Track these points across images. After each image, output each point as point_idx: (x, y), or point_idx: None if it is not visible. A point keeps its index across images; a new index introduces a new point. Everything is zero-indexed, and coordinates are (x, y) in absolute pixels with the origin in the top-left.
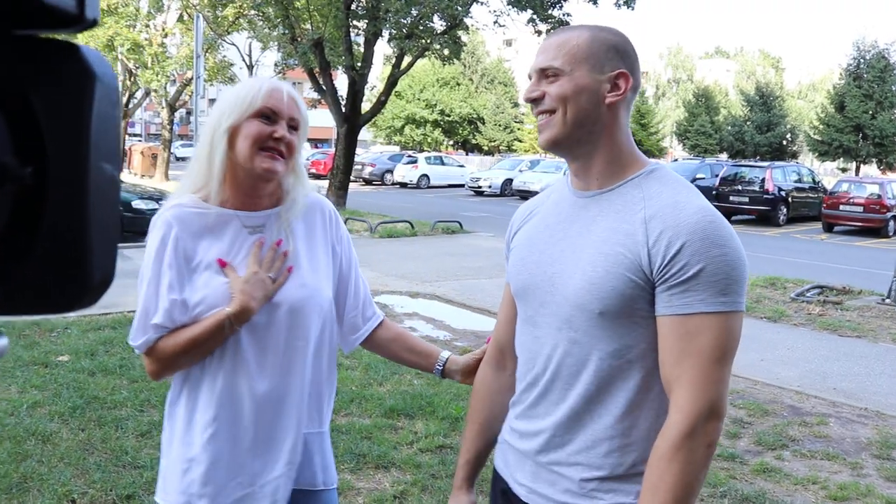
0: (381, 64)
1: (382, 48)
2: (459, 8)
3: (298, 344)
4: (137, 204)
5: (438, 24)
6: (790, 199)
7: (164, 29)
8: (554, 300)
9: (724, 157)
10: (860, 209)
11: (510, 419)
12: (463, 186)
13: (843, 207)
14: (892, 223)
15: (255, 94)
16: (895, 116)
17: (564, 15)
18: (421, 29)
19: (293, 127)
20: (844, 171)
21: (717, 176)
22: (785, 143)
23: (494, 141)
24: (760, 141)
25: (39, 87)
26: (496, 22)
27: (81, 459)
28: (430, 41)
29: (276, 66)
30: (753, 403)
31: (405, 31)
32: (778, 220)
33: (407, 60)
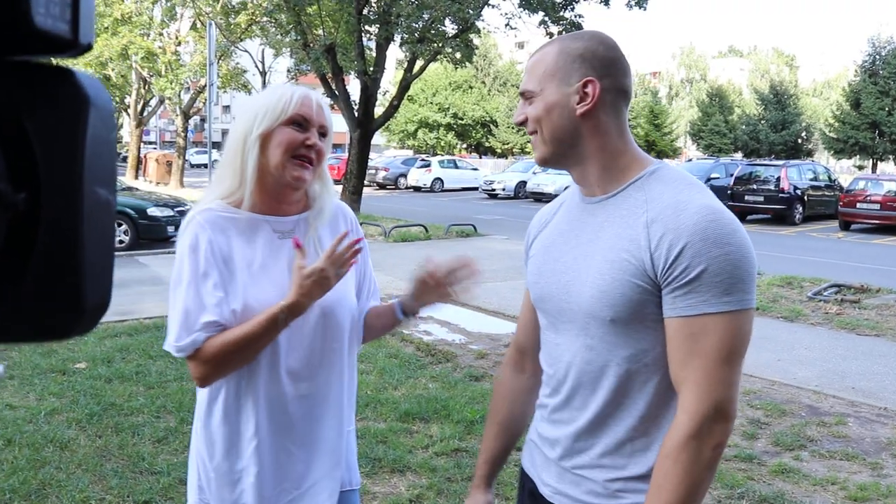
0: (393, 68)
1: (394, 53)
2: (471, 11)
3: (335, 346)
4: (153, 211)
5: (450, 27)
6: (806, 197)
7: (177, 37)
8: (570, 308)
9: (738, 156)
10: (877, 207)
11: (536, 421)
12: (477, 189)
13: (859, 205)
14: None
15: (286, 101)
16: None
17: (576, 16)
18: (433, 33)
19: (322, 134)
20: (861, 168)
21: (731, 175)
22: (800, 141)
23: (508, 143)
24: (775, 139)
25: (33, 112)
26: (508, 24)
27: (99, 466)
28: (441, 45)
29: (288, 72)
30: (771, 404)
31: (417, 35)
32: (794, 219)
33: (419, 64)
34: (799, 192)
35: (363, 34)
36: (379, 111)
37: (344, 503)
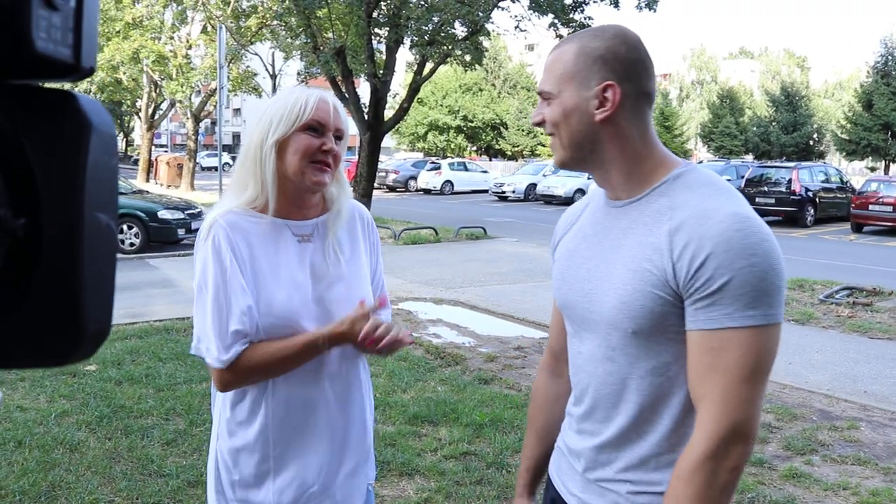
0: (403, 71)
1: (404, 55)
2: (480, 14)
3: (354, 350)
4: (163, 214)
5: (460, 30)
6: (818, 199)
7: (188, 41)
8: (592, 317)
9: (749, 158)
10: (890, 209)
11: (564, 428)
12: (487, 192)
13: (872, 207)
14: None
15: (301, 107)
16: None
17: (586, 18)
18: (442, 35)
19: (338, 137)
20: (873, 170)
21: (742, 177)
22: (812, 143)
23: (518, 146)
24: (786, 141)
25: (35, 136)
26: (517, 27)
27: (108, 468)
28: (451, 47)
29: (298, 74)
30: (782, 408)
31: (427, 37)
32: (805, 221)
33: (429, 67)
34: (810, 194)
35: (373, 37)
36: (389, 114)
37: (367, 498)
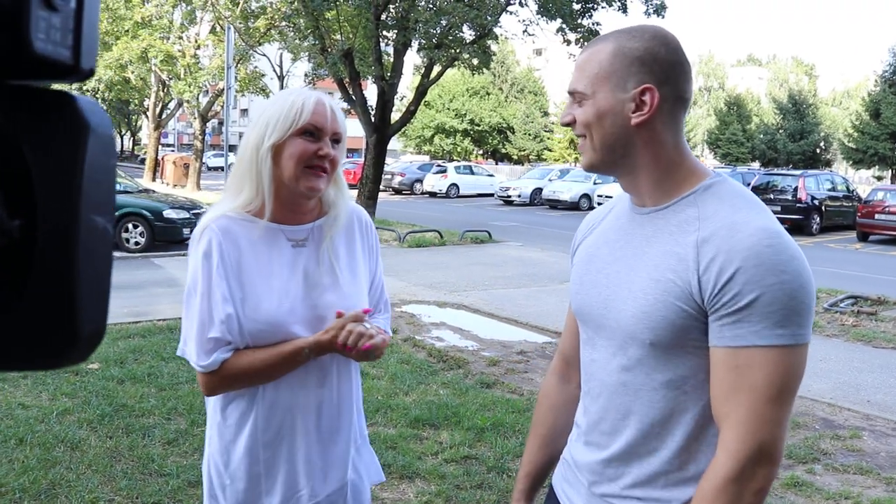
0: (410, 74)
1: (412, 58)
2: (489, 17)
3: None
4: (168, 213)
5: (468, 33)
6: (824, 207)
7: (196, 41)
8: (608, 325)
9: (756, 165)
10: None
11: (571, 439)
12: (492, 196)
13: (878, 216)
14: None
15: (298, 110)
16: None
17: (594, 24)
18: (450, 39)
19: (335, 141)
20: (880, 179)
21: (748, 185)
22: (818, 151)
23: (524, 150)
24: (793, 149)
25: (32, 137)
26: (525, 31)
27: (109, 467)
28: (459, 51)
29: (306, 76)
30: None
31: (435, 40)
32: (811, 229)
33: (436, 70)
34: (816, 202)
35: (381, 39)
36: (396, 116)
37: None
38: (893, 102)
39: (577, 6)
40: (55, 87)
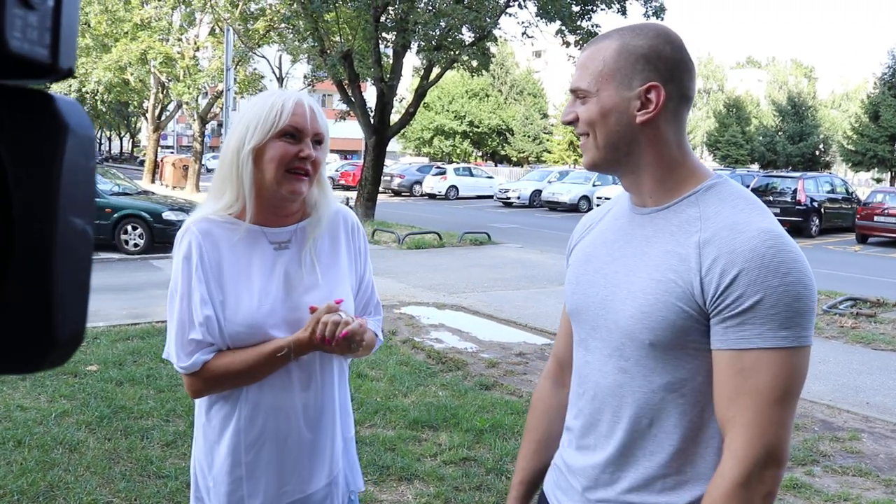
0: (409, 75)
1: (411, 60)
2: (488, 19)
3: (328, 359)
4: (167, 215)
5: (467, 35)
6: (823, 209)
7: (195, 42)
8: (605, 325)
9: (755, 167)
10: (895, 220)
11: (562, 444)
12: (492, 198)
13: (877, 218)
14: None
15: (277, 112)
16: None
17: (593, 26)
18: (450, 40)
19: (317, 142)
20: (879, 181)
21: (748, 187)
22: (818, 153)
23: (523, 152)
24: (792, 151)
25: (9, 137)
26: (525, 33)
27: (107, 469)
28: (458, 53)
29: (305, 78)
30: None
31: (434, 42)
32: (810, 231)
33: (436, 72)
34: (816, 204)
35: (380, 41)
36: (395, 118)
37: None
38: (892, 105)
39: (576, 8)
40: (57, 87)
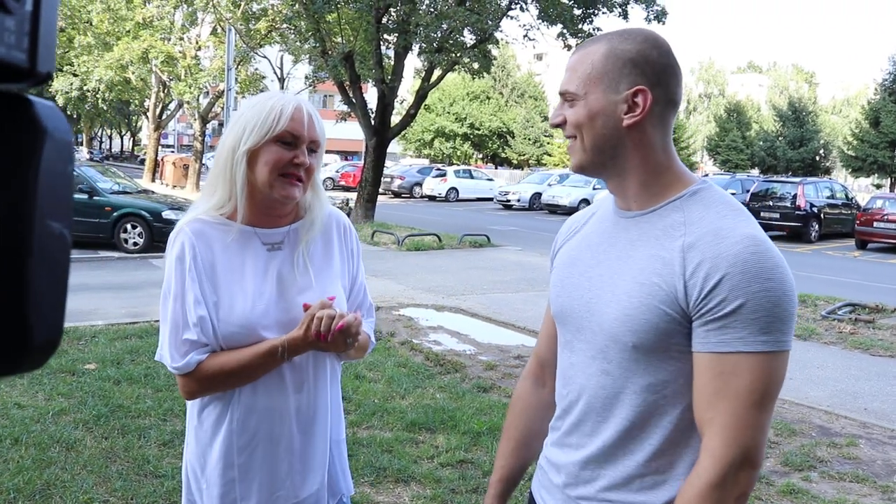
0: (410, 77)
1: (412, 62)
2: (490, 22)
3: (321, 359)
4: (167, 214)
5: (468, 37)
6: (822, 215)
7: (197, 42)
8: (590, 327)
9: (755, 172)
10: (895, 226)
11: (547, 443)
12: (492, 200)
13: (877, 224)
14: None
15: (275, 117)
16: None
17: (594, 29)
18: (451, 43)
19: (312, 150)
20: (879, 187)
21: (748, 192)
22: (818, 158)
23: (524, 155)
24: (793, 156)
25: None
26: (526, 36)
27: (104, 467)
28: (460, 55)
29: (306, 78)
30: (781, 423)
31: (435, 44)
32: (810, 236)
33: (437, 74)
34: (815, 209)
35: (381, 43)
36: (396, 120)
37: None
38: (893, 111)
39: (577, 12)
40: (59, 86)
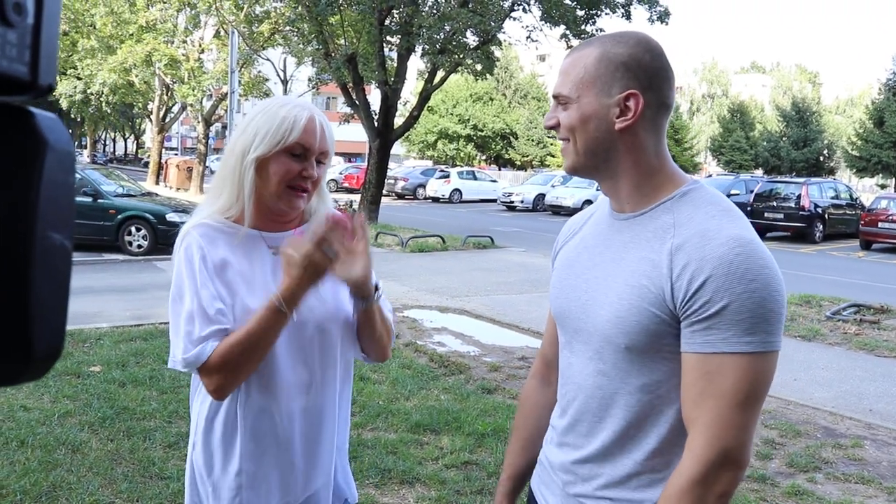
0: (414, 79)
1: (415, 63)
2: (492, 23)
3: (329, 361)
4: (171, 216)
5: (471, 39)
6: (827, 215)
7: (200, 45)
8: (586, 329)
9: (759, 173)
10: None
11: (546, 441)
12: (495, 201)
13: (881, 224)
14: None
15: (288, 128)
16: None
17: (597, 30)
18: (454, 44)
19: (320, 161)
20: (883, 187)
21: (751, 192)
22: (822, 158)
23: (527, 156)
24: (796, 157)
25: None
26: (529, 37)
27: (109, 469)
28: (463, 56)
29: (309, 80)
30: (786, 424)
31: (438, 46)
32: (814, 237)
33: (440, 75)
34: (820, 210)
35: (385, 44)
36: (399, 121)
37: None
38: None
39: (580, 13)
40: (62, 89)
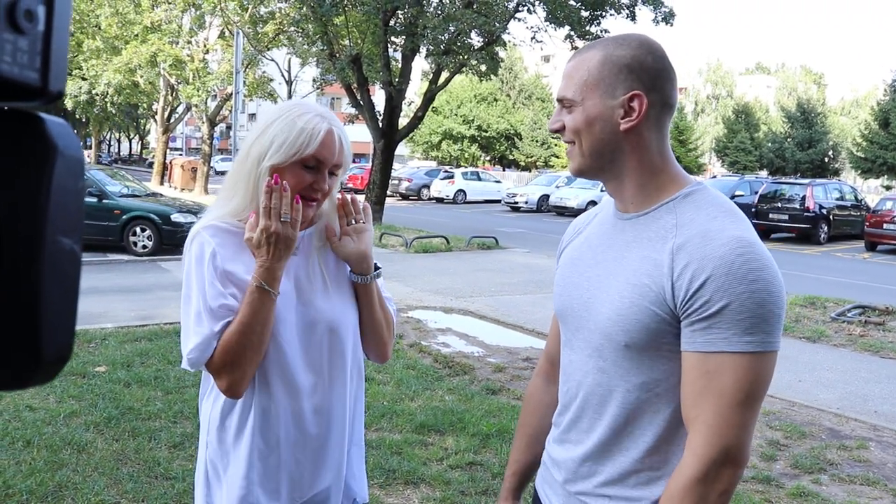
0: (418, 79)
1: (420, 64)
2: (497, 24)
3: (338, 361)
4: (176, 217)
5: (476, 40)
6: (831, 217)
7: (205, 45)
8: (587, 326)
9: (763, 174)
10: None
11: (548, 440)
12: (499, 202)
13: (886, 226)
14: None
15: (305, 141)
16: None
17: (602, 31)
18: (458, 45)
19: (333, 173)
20: (888, 188)
21: (756, 193)
22: (827, 160)
23: (531, 157)
24: (801, 158)
25: None
26: (534, 38)
27: (115, 469)
28: (467, 57)
29: (314, 81)
30: (790, 425)
31: (443, 47)
32: (819, 238)
33: (444, 76)
34: (824, 211)
35: (389, 45)
36: (403, 122)
37: None
38: None
39: (585, 14)
40: (67, 89)
